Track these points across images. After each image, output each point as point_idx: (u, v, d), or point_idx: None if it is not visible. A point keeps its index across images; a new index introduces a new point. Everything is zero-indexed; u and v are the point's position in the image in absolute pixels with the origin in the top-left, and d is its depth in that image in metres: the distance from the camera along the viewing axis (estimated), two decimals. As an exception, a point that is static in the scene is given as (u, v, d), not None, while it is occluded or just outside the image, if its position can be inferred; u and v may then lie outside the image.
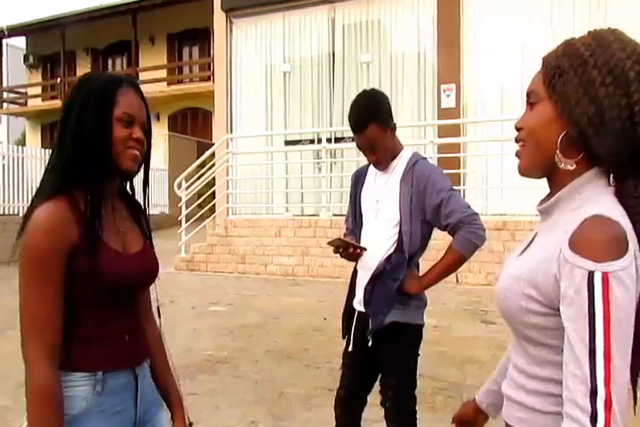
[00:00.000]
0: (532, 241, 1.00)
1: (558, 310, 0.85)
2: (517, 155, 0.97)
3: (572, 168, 0.90)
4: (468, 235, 1.93)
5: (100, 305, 1.18)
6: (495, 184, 6.94)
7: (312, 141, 8.39)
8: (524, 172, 0.97)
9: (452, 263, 1.99)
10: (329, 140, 8.07)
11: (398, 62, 8.17)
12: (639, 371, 0.91)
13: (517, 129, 0.97)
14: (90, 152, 1.15)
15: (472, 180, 7.26)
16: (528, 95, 0.95)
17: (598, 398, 0.78)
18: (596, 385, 0.78)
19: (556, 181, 0.94)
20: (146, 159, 1.29)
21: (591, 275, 0.80)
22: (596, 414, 0.78)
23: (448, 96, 7.63)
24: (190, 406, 3.32)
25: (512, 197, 6.36)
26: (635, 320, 0.83)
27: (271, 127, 8.96)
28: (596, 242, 0.81)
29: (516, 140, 0.97)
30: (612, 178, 0.91)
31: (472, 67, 7.57)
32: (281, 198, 8.62)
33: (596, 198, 0.88)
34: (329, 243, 2.06)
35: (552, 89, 0.90)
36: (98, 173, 1.17)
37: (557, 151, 0.89)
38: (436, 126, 7.65)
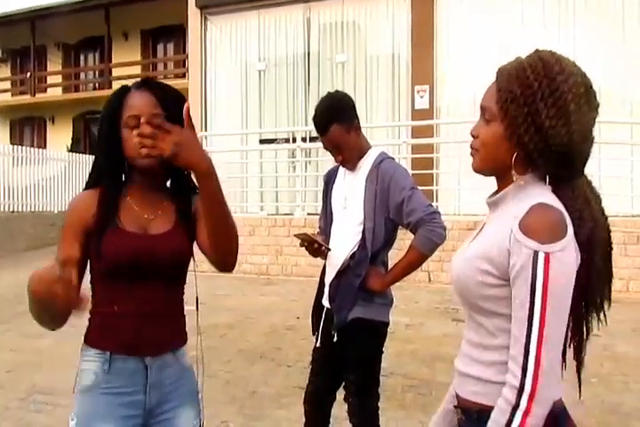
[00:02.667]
0: (481, 230, 1.15)
1: (510, 280, 1.00)
2: (472, 155, 1.13)
3: (521, 183, 1.05)
4: (429, 233, 1.96)
5: (114, 284, 1.30)
6: (467, 185, 7.05)
7: (287, 140, 8.38)
8: (477, 171, 1.13)
9: (413, 261, 2.03)
10: (304, 140, 8.07)
11: (373, 63, 8.23)
12: (568, 343, 1.09)
13: (472, 136, 1.11)
14: (105, 158, 1.36)
15: (445, 180, 7.36)
16: (483, 109, 1.08)
17: (530, 354, 0.95)
18: (529, 343, 0.95)
19: (504, 179, 1.10)
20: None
21: (536, 254, 0.95)
22: (527, 367, 0.95)
23: (422, 97, 7.72)
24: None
25: (483, 198, 6.45)
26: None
27: (246, 126, 8.92)
28: (540, 226, 0.97)
29: (472, 147, 1.12)
30: (547, 182, 1.07)
31: (445, 68, 7.67)
32: (255, 197, 8.59)
33: (538, 192, 1.04)
34: (296, 235, 2.08)
35: (504, 113, 1.03)
36: (113, 174, 1.36)
37: (513, 171, 1.05)
38: (410, 127, 7.72)
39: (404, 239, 2.23)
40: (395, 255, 2.18)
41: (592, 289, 1.07)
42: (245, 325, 4.92)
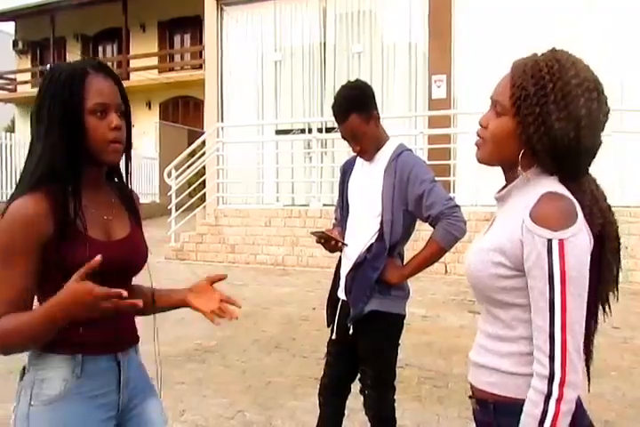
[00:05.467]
0: (492, 224, 1.17)
1: (524, 271, 1.01)
2: (477, 145, 1.13)
3: (530, 176, 1.07)
4: (449, 227, 1.94)
5: None
6: (485, 175, 6.95)
7: (303, 131, 8.35)
8: (482, 162, 1.14)
9: (431, 254, 2.01)
10: (320, 130, 8.04)
11: (389, 53, 8.12)
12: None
13: (481, 125, 1.11)
14: (62, 150, 1.15)
15: (462, 171, 7.27)
16: (495, 102, 1.09)
17: (555, 341, 0.96)
18: (553, 331, 0.96)
19: (510, 172, 1.12)
20: (127, 142, 1.26)
21: (549, 242, 0.97)
22: (554, 355, 0.96)
23: (439, 87, 7.61)
24: (178, 394, 3.34)
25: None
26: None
27: (262, 117, 8.91)
28: (551, 214, 0.98)
29: (478, 135, 1.12)
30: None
31: (463, 58, 7.54)
32: (271, 188, 8.60)
33: (546, 183, 1.06)
34: (312, 233, 2.07)
35: (516, 109, 1.04)
36: (72, 170, 1.17)
37: (519, 167, 1.07)
38: (427, 117, 7.63)
39: (420, 230, 2.21)
40: (409, 246, 2.16)
41: (602, 283, 1.09)
42: (261, 315, 4.95)
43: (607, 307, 1.12)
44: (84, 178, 1.21)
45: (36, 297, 1.20)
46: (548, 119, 1.01)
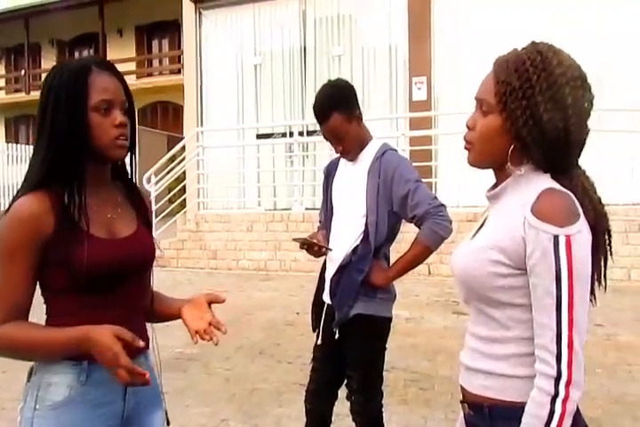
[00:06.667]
0: (483, 224, 1.14)
1: (525, 269, 0.99)
2: (467, 149, 1.10)
3: (520, 173, 1.05)
4: (434, 226, 1.90)
5: (83, 293, 1.16)
6: (467, 176, 6.99)
7: (284, 135, 8.31)
8: (473, 164, 1.11)
9: (418, 255, 1.97)
10: (301, 134, 8.01)
11: (370, 55, 8.14)
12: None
13: (468, 127, 1.09)
14: (66, 148, 1.15)
15: (444, 172, 7.30)
16: (480, 101, 1.07)
17: (562, 340, 0.93)
18: (560, 330, 0.94)
19: (501, 172, 1.09)
20: (132, 140, 1.24)
21: (556, 238, 0.94)
22: (561, 354, 0.93)
23: (419, 89, 7.65)
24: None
25: (483, 189, 6.40)
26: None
27: (243, 121, 8.85)
28: (555, 210, 0.96)
29: (466, 140, 1.10)
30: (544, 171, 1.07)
31: (443, 59, 7.59)
32: (253, 192, 8.53)
33: (540, 180, 1.04)
34: (295, 239, 2.02)
35: (502, 105, 1.02)
36: (76, 169, 1.17)
37: (508, 163, 1.05)
38: (408, 119, 7.66)
39: (403, 232, 2.18)
40: (392, 248, 2.13)
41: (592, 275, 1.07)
42: (244, 321, 4.88)
43: (593, 300, 1.09)
44: (88, 176, 1.20)
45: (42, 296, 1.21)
46: (536, 111, 1.00)
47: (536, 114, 0.99)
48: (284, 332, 4.51)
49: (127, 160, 1.29)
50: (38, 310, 1.22)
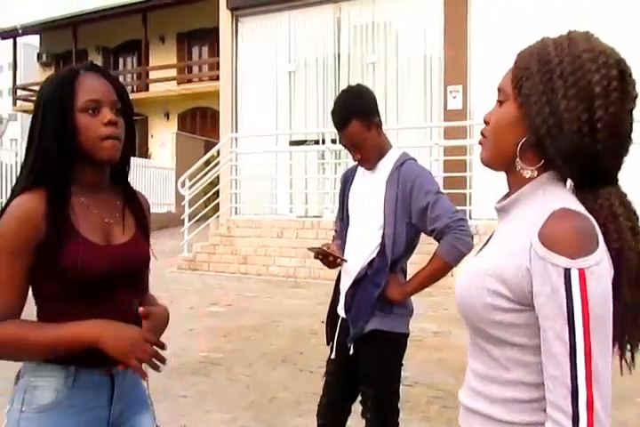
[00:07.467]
0: (489, 239, 0.99)
1: (529, 305, 0.83)
2: (480, 144, 0.98)
3: (530, 175, 0.90)
4: (455, 241, 1.84)
5: (73, 298, 1.16)
6: (502, 187, 6.83)
7: (316, 142, 8.32)
8: (485, 163, 0.98)
9: (436, 270, 1.90)
10: (333, 141, 8.00)
11: (404, 63, 8.08)
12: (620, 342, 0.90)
13: (485, 122, 0.97)
14: (54, 149, 1.15)
15: (478, 183, 7.16)
16: (498, 91, 0.94)
17: (580, 399, 0.76)
18: (576, 386, 0.76)
19: (515, 178, 0.93)
20: (130, 141, 1.24)
21: (567, 272, 0.78)
22: (578, 416, 0.76)
23: (455, 98, 7.53)
24: (179, 408, 3.27)
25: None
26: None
27: (276, 127, 8.91)
28: (568, 237, 0.79)
29: (482, 134, 0.97)
30: (569, 184, 0.91)
31: (479, 68, 7.46)
32: (285, 199, 8.57)
33: (559, 193, 0.88)
34: (309, 249, 1.99)
35: (518, 91, 0.89)
36: (63, 169, 1.17)
37: (517, 158, 0.89)
38: (442, 128, 7.55)
39: (422, 243, 2.12)
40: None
41: (620, 322, 0.86)
42: (270, 328, 4.88)
43: (631, 357, 0.90)
44: (82, 179, 1.20)
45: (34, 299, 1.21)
46: (553, 98, 0.84)
47: (553, 101, 0.84)
48: (309, 341, 4.48)
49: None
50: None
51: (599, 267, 0.78)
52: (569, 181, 0.93)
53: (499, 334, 0.87)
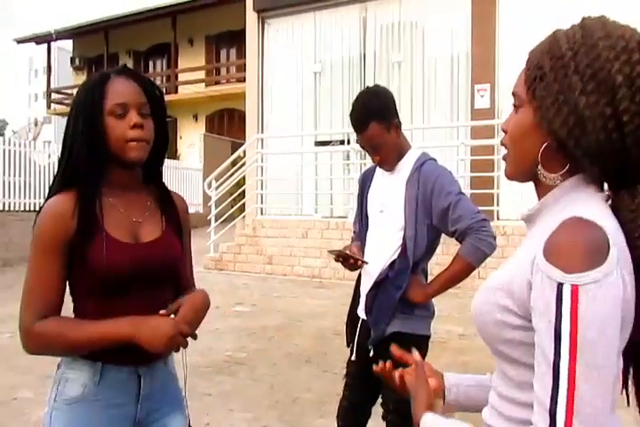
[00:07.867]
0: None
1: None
2: (504, 159, 0.89)
3: (555, 183, 0.82)
4: (477, 242, 1.81)
5: (103, 295, 1.18)
6: (530, 188, 6.70)
7: (342, 142, 8.31)
8: (509, 177, 0.89)
9: (459, 272, 1.87)
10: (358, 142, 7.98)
11: (431, 62, 8.00)
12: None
13: (504, 131, 0.88)
14: (84, 151, 1.20)
15: (506, 183, 7.04)
16: (513, 96, 0.87)
17: (557, 425, 0.68)
18: (555, 414, 0.68)
19: (542, 187, 0.85)
20: (162, 142, 1.27)
21: (560, 287, 0.69)
22: None
23: (482, 96, 7.42)
24: (204, 407, 3.30)
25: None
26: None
27: (302, 128, 8.94)
28: (568, 248, 0.70)
29: (503, 144, 0.89)
30: (605, 187, 0.82)
31: (507, 66, 7.33)
32: (310, 199, 8.58)
33: (581, 200, 0.79)
34: (330, 251, 1.98)
35: (532, 94, 0.81)
36: (93, 171, 1.21)
37: (539, 166, 0.81)
38: (469, 128, 7.45)
39: (450, 244, 2.09)
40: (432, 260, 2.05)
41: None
42: (294, 328, 4.89)
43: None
44: (111, 179, 1.24)
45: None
46: (570, 95, 0.76)
47: (571, 99, 0.76)
48: (333, 341, 4.47)
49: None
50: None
51: (598, 286, 0.68)
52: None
53: (510, 352, 0.81)
